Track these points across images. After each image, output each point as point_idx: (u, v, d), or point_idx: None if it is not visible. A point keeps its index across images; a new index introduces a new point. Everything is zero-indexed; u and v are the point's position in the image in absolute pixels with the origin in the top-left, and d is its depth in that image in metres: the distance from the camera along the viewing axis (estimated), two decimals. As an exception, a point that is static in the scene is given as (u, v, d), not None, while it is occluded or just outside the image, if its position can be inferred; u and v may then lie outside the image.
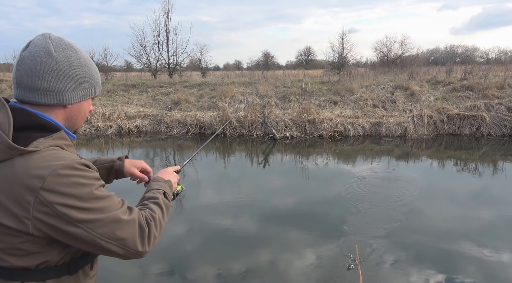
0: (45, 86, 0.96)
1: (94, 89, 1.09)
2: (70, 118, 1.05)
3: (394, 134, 10.22)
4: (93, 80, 1.07)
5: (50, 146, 0.93)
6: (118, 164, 1.41)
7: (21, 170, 0.86)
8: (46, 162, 0.88)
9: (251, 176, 7.07)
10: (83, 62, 1.03)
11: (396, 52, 27.21)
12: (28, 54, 0.95)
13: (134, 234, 0.98)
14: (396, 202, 5.20)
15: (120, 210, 0.97)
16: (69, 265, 0.99)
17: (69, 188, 0.88)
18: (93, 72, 1.07)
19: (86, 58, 1.06)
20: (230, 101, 12.35)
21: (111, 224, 0.93)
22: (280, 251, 3.82)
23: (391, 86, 12.88)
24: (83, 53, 1.05)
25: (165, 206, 1.15)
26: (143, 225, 1.01)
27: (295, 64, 40.46)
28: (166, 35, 21.19)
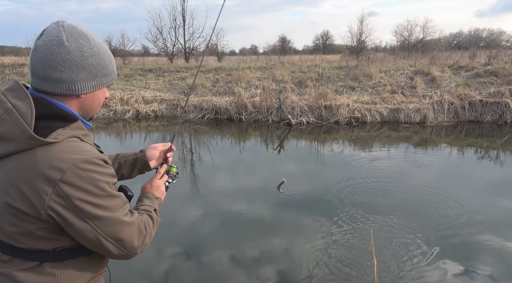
0: (58, 76, 0.95)
1: (107, 78, 1.07)
2: (84, 107, 1.05)
3: (413, 121, 10.01)
4: (107, 69, 1.05)
5: (70, 137, 0.95)
6: (141, 155, 1.42)
7: (42, 160, 0.88)
8: (67, 155, 0.90)
9: (266, 161, 7.10)
10: (96, 51, 1.00)
11: (417, 36, 26.32)
12: (42, 43, 0.95)
13: (132, 237, 1.02)
14: (412, 189, 5.14)
15: (124, 211, 1.01)
16: (85, 247, 1.00)
17: (87, 184, 0.90)
18: (106, 61, 1.04)
19: (100, 46, 1.02)
20: (246, 86, 12.30)
21: (116, 224, 0.97)
22: (293, 235, 3.86)
23: (411, 71, 12.54)
24: (96, 41, 1.02)
25: (156, 221, 1.18)
26: (142, 229, 1.06)
27: (312, 49, 39.75)
28: (183, 19, 21.11)
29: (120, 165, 1.42)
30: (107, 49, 1.07)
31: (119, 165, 1.42)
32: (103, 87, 1.07)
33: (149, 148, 1.45)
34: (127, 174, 1.44)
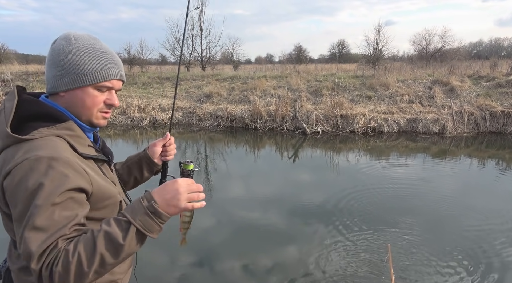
0: (46, 76, 1.04)
1: (85, 77, 0.99)
2: (69, 108, 1.02)
3: (431, 131, 9.80)
4: (82, 68, 0.99)
5: (49, 135, 0.93)
6: (143, 153, 1.42)
7: (9, 155, 0.90)
8: (31, 151, 0.88)
9: (280, 170, 7.06)
10: (72, 49, 0.99)
11: (435, 45, 25.94)
12: None
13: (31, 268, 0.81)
14: (432, 202, 5.00)
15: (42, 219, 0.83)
16: None
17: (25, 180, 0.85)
18: (83, 59, 1.00)
19: (81, 45, 1.00)
20: (262, 94, 12.34)
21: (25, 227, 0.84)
22: (307, 246, 3.79)
23: (429, 81, 12.33)
24: (80, 42, 1.01)
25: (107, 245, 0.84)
26: (44, 266, 0.81)
27: (328, 58, 39.67)
28: (200, 28, 21.46)
29: (129, 168, 1.42)
30: (96, 50, 1.02)
31: (128, 168, 1.42)
32: (80, 86, 1.00)
33: (150, 145, 1.45)
34: (138, 175, 1.43)
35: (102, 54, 1.04)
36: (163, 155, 1.45)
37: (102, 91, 1.04)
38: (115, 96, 1.08)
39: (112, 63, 1.05)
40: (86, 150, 1.02)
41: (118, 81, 1.08)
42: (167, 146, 1.45)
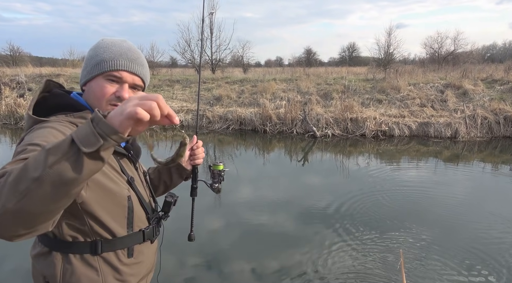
0: None
1: (94, 68, 1.05)
2: (87, 100, 1.09)
3: (444, 136, 9.65)
4: (96, 58, 1.06)
5: (65, 121, 1.00)
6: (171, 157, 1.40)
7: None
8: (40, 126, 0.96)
9: (290, 173, 7.02)
10: (95, 45, 1.08)
11: (448, 49, 25.60)
12: None
13: None
14: (444, 207, 4.91)
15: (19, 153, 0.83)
16: (91, 245, 1.02)
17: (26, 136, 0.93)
18: (99, 51, 1.06)
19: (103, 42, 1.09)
20: (271, 97, 12.33)
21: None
22: (316, 250, 3.75)
23: (441, 84, 12.16)
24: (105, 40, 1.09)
25: (36, 157, 0.66)
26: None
27: (338, 61, 39.53)
28: (210, 31, 21.55)
29: (159, 173, 1.42)
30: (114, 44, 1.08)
31: (158, 172, 1.42)
32: (93, 77, 1.06)
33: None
34: (168, 180, 1.42)
35: (117, 47, 1.07)
36: (192, 159, 1.43)
37: (111, 82, 1.05)
38: (126, 89, 1.06)
39: (124, 55, 1.06)
40: None
41: (130, 75, 1.07)
42: (195, 149, 1.43)
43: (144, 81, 1.13)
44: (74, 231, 1.00)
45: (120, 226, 1.07)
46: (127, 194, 1.07)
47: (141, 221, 1.15)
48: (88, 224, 1.00)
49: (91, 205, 0.98)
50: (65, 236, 1.00)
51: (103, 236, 1.03)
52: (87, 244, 1.02)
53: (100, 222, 1.01)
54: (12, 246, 3.70)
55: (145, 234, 1.14)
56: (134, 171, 1.18)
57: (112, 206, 1.04)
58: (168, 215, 1.27)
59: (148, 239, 1.17)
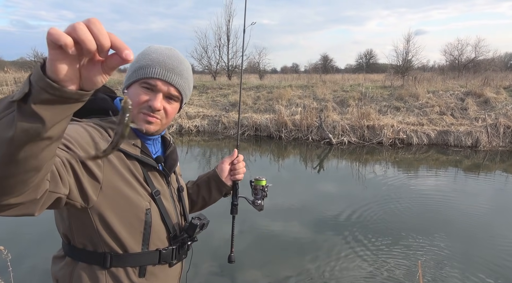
0: None
1: (132, 74, 1.02)
2: None
3: (464, 144, 9.40)
4: (137, 64, 1.02)
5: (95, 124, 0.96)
6: (212, 172, 1.36)
7: None
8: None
9: (305, 180, 6.96)
10: (141, 51, 1.05)
11: (468, 56, 25.10)
12: None
13: None
14: (464, 218, 4.76)
15: None
16: (100, 256, 0.96)
17: None
18: (140, 57, 1.03)
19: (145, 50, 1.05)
20: (287, 104, 12.31)
21: None
22: (331, 259, 3.69)
23: (461, 92, 11.89)
24: (149, 47, 1.06)
25: None
26: None
27: (354, 68, 39.24)
28: (227, 38, 21.78)
29: (199, 187, 1.36)
30: (153, 52, 1.03)
31: (198, 187, 1.37)
32: (131, 83, 1.02)
33: (219, 163, 1.38)
34: (206, 195, 1.36)
35: (157, 55, 1.02)
36: (232, 174, 1.37)
37: (146, 89, 1.00)
38: (158, 99, 1.00)
39: (162, 63, 1.01)
40: (127, 148, 0.98)
41: (165, 84, 1.01)
42: (235, 164, 1.37)
43: (181, 92, 1.06)
44: (84, 239, 0.95)
45: (134, 241, 0.98)
46: (146, 206, 0.99)
47: (160, 240, 1.05)
48: (98, 232, 0.93)
49: (103, 211, 0.92)
50: (76, 243, 0.96)
51: (114, 249, 0.96)
52: (96, 254, 0.96)
53: (112, 232, 0.95)
54: (31, 246, 3.79)
55: (161, 255, 1.04)
56: (164, 185, 1.09)
57: (128, 216, 0.96)
58: (195, 239, 1.16)
59: (164, 261, 1.06)
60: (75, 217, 0.94)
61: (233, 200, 1.36)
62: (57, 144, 0.61)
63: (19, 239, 3.94)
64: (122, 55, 0.54)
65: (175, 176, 1.18)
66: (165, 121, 1.06)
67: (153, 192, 1.02)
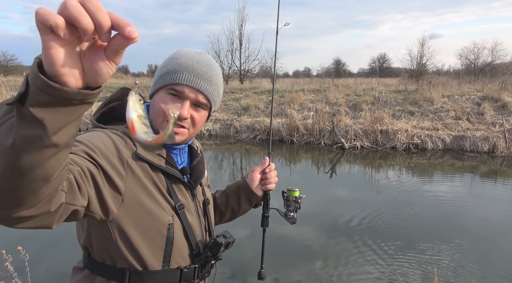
0: None
1: (159, 79, 0.97)
2: (151, 114, 0.98)
3: (480, 150, 9.20)
4: (164, 69, 0.96)
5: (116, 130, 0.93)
6: (242, 181, 1.29)
7: None
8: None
9: (317, 185, 6.92)
10: (169, 56, 0.99)
11: (485, 60, 24.62)
12: None
13: None
14: (479, 224, 4.65)
15: None
16: (118, 272, 0.91)
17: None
18: (168, 61, 0.97)
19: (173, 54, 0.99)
20: (299, 108, 12.28)
21: None
22: (343, 265, 3.64)
23: (478, 96, 11.66)
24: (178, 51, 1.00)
25: None
26: None
27: (367, 72, 38.92)
28: (240, 43, 21.92)
29: (227, 197, 1.29)
30: (182, 56, 0.97)
31: (227, 197, 1.30)
32: (158, 89, 0.97)
33: (249, 172, 1.30)
34: (236, 206, 1.28)
35: (186, 59, 0.96)
36: (263, 184, 1.28)
37: (172, 96, 0.95)
38: (186, 106, 0.94)
39: (190, 68, 0.94)
40: (149, 156, 0.93)
41: (193, 91, 0.94)
42: (267, 173, 1.29)
43: (210, 99, 0.99)
44: (103, 252, 0.91)
45: (155, 257, 0.92)
46: (168, 221, 0.93)
47: (182, 258, 0.98)
48: (117, 247, 0.88)
49: (124, 225, 0.87)
50: (95, 256, 0.92)
51: (133, 265, 0.90)
52: (114, 270, 0.91)
53: (131, 247, 0.89)
54: (48, 248, 3.86)
55: (182, 274, 0.98)
56: (189, 198, 1.03)
57: (149, 231, 0.91)
58: (219, 258, 1.08)
59: (185, 281, 0.99)
60: (95, 229, 0.90)
61: (264, 211, 1.28)
62: (66, 152, 0.55)
63: (37, 240, 4.02)
64: (124, 33, 0.47)
65: (201, 188, 1.12)
66: (193, 130, 0.99)
67: (177, 205, 0.97)
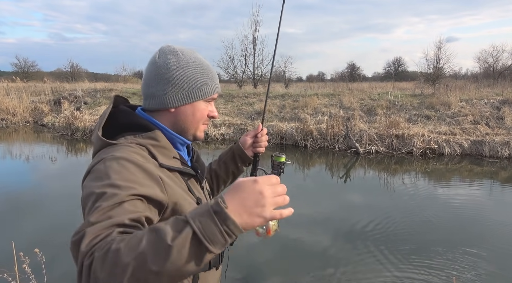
0: (150, 92, 1.02)
1: (198, 92, 1.02)
2: (177, 122, 1.04)
3: (500, 155, 8.94)
4: (196, 83, 1.01)
5: (134, 143, 0.93)
6: (235, 145, 1.42)
7: (96, 157, 0.93)
8: (109, 152, 0.89)
9: (331, 190, 6.84)
10: (183, 64, 1.00)
11: (504, 63, 24.06)
12: (145, 66, 1.06)
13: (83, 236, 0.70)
14: (500, 232, 4.50)
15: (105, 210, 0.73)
16: None
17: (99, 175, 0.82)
18: (195, 74, 1.01)
19: (190, 60, 1.01)
20: (313, 112, 12.22)
21: (89, 211, 0.76)
22: (357, 272, 3.58)
23: (497, 100, 11.37)
24: (187, 56, 1.02)
25: (153, 241, 0.63)
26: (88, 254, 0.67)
27: (382, 76, 38.49)
28: (253, 47, 22.00)
29: (226, 164, 1.42)
30: (202, 63, 1.04)
31: (225, 164, 1.43)
32: (193, 101, 1.03)
33: (242, 136, 1.45)
34: (236, 170, 1.43)
35: (208, 67, 1.06)
36: (254, 147, 1.42)
37: (207, 103, 1.07)
38: (215, 108, 1.11)
39: (216, 76, 1.08)
40: (169, 162, 0.97)
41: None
42: (259, 137, 1.42)
43: None
44: None
45: None
46: None
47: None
48: None
49: None
50: None
51: None
52: None
53: None
54: (65, 251, 3.92)
55: (211, 261, 1.05)
56: (201, 191, 1.11)
57: None
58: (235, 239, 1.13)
59: (213, 266, 1.08)
60: None
61: (252, 170, 1.42)
62: None
63: (53, 244, 4.09)
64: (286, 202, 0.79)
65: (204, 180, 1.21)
66: None
67: (198, 200, 1.03)
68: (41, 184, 7.02)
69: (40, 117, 15.80)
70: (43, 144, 11.57)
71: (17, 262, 2.32)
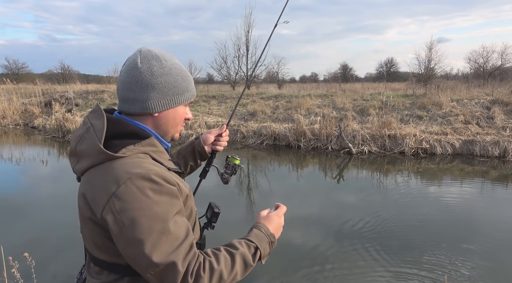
0: (133, 96, 1.01)
1: (180, 97, 1.07)
2: (159, 126, 1.07)
3: (491, 155, 9.05)
4: (178, 88, 1.05)
5: (138, 153, 0.96)
6: (196, 142, 1.49)
7: (106, 173, 0.91)
8: (127, 169, 0.90)
9: (324, 190, 6.86)
10: (166, 71, 1.02)
11: (494, 63, 24.37)
12: (123, 68, 1.04)
13: (170, 278, 0.87)
14: (490, 230, 4.55)
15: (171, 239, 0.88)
16: None
17: (136, 201, 0.87)
18: (178, 80, 1.05)
19: (172, 66, 1.04)
20: (306, 113, 12.25)
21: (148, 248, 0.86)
22: (350, 272, 3.59)
23: (487, 100, 11.52)
24: (169, 62, 1.04)
25: (242, 264, 1.00)
26: (189, 273, 0.88)
27: (375, 77, 38.74)
28: (246, 48, 22.00)
29: (185, 159, 1.49)
30: (182, 69, 1.08)
31: (184, 158, 1.49)
32: (175, 106, 1.07)
33: (205, 132, 1.53)
34: (194, 164, 1.51)
35: (187, 73, 1.12)
36: (214, 145, 1.52)
37: (185, 107, 1.14)
38: (190, 110, 1.18)
39: (193, 81, 1.15)
40: (169, 165, 1.04)
41: None
42: (222, 137, 1.53)
43: None
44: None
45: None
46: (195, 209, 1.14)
47: (197, 234, 1.18)
48: None
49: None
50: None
51: None
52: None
53: None
54: (54, 253, 3.86)
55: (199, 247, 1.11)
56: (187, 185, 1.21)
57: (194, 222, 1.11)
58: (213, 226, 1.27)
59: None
60: None
61: (206, 166, 1.51)
62: None
63: (43, 246, 4.04)
64: None
65: None
66: None
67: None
68: (32, 187, 6.93)
69: (30, 119, 15.62)
70: (34, 146, 11.42)
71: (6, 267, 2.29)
